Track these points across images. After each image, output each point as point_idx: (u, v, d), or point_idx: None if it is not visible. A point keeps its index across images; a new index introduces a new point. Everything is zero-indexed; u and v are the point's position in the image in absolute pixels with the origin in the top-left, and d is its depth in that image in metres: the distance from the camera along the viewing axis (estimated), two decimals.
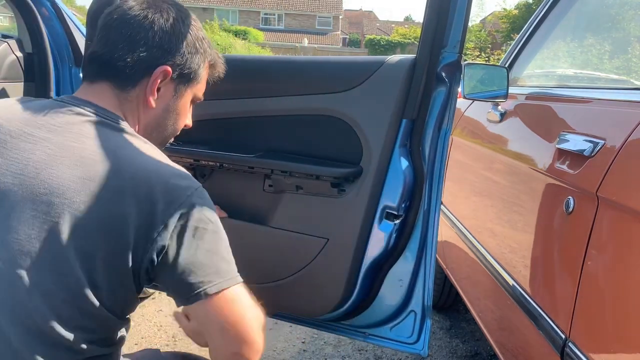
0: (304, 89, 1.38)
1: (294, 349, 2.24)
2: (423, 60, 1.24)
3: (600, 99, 1.32)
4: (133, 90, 0.94)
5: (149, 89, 0.94)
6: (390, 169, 1.29)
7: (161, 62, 0.93)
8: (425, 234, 1.31)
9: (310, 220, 1.37)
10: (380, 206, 1.30)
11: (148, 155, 0.88)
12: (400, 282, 1.35)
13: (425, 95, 1.25)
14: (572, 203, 1.11)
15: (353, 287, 1.34)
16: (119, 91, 0.93)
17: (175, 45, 0.94)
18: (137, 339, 2.24)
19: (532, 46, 2.01)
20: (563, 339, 1.09)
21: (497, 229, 1.68)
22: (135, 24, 0.92)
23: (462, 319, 2.66)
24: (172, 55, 0.94)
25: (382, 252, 1.32)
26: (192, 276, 0.84)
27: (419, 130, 1.27)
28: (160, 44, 0.93)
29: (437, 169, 1.29)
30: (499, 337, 1.58)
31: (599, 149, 1.06)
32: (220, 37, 22.08)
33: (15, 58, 2.32)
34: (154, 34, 0.92)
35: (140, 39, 0.91)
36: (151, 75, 0.93)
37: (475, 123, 2.11)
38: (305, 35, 36.35)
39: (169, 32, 0.93)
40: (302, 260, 1.38)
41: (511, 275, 1.44)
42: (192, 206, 0.84)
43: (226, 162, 1.43)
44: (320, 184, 1.34)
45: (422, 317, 1.34)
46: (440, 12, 1.21)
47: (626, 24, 1.78)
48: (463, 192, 2.14)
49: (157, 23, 0.92)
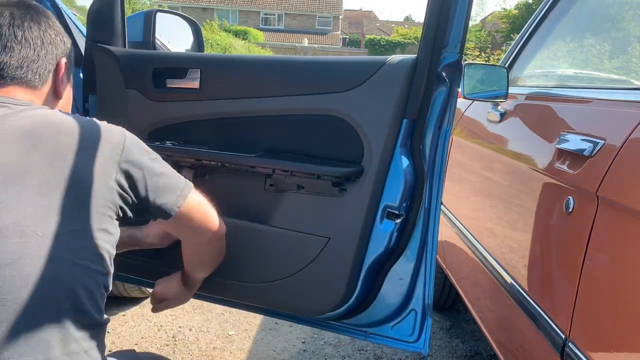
0: (305, 89, 1.38)
1: (294, 349, 2.24)
2: (424, 60, 1.24)
3: (600, 99, 1.32)
4: (43, 86, 1.02)
5: (58, 81, 1.05)
6: (392, 169, 1.29)
7: (59, 55, 1.04)
8: (425, 233, 1.32)
9: (312, 219, 1.38)
10: (382, 205, 1.30)
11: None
12: (401, 281, 1.35)
13: (426, 95, 1.25)
14: (572, 203, 1.11)
15: (354, 286, 1.34)
16: (31, 90, 1.00)
17: (61, 41, 1.05)
18: (137, 339, 2.24)
19: (532, 46, 2.01)
20: (563, 339, 1.09)
21: (497, 229, 1.68)
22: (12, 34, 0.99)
23: (462, 319, 2.66)
24: (64, 47, 1.06)
25: (383, 251, 1.32)
26: (160, 200, 1.02)
27: (419, 130, 1.28)
28: (52, 41, 1.03)
29: (437, 168, 1.29)
30: (499, 337, 1.58)
31: (599, 149, 1.06)
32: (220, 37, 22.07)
33: None
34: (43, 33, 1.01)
35: (35, 39, 1.01)
36: (57, 69, 1.04)
37: (475, 123, 2.11)
38: (305, 35, 36.35)
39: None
40: (303, 259, 1.38)
41: (511, 275, 1.44)
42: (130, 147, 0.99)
43: (227, 161, 1.43)
44: (322, 183, 1.34)
45: (422, 316, 1.35)
46: (441, 13, 1.21)
47: (626, 24, 1.78)
48: (463, 192, 2.14)
49: (34, 29, 1.00)
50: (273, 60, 1.54)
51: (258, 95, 1.42)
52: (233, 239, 1.28)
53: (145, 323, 2.36)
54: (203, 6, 36.41)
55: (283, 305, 1.46)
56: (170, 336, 2.29)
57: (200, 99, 1.48)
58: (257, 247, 1.41)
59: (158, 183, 1.01)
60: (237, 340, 2.29)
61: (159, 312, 2.29)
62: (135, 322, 2.37)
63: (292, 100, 1.39)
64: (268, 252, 1.43)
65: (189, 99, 1.50)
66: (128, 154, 0.97)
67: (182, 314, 2.46)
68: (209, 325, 2.39)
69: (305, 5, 39.45)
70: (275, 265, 1.41)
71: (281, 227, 1.40)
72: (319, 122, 1.37)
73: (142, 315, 2.43)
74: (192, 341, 2.26)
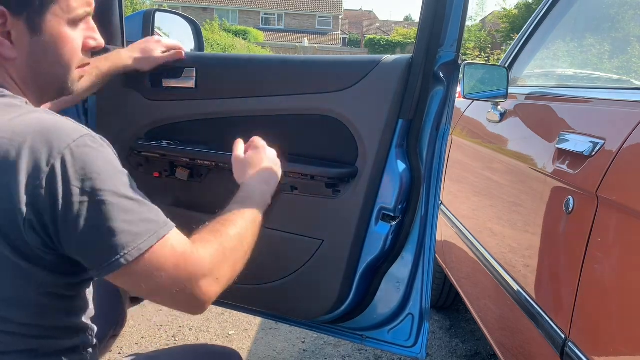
0: (299, 88, 1.37)
1: (294, 349, 2.24)
2: (419, 59, 1.22)
3: (600, 99, 1.32)
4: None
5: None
6: (387, 170, 1.27)
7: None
8: (423, 236, 1.30)
9: (305, 221, 1.36)
10: (376, 207, 1.29)
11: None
12: (397, 285, 1.34)
13: (422, 95, 1.24)
14: (572, 203, 1.11)
15: (349, 289, 1.33)
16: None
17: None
18: (137, 339, 2.24)
19: (532, 46, 2.01)
20: (563, 339, 1.09)
21: (497, 229, 1.68)
22: None
23: (462, 319, 2.66)
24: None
25: (378, 254, 1.31)
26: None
27: (416, 131, 1.26)
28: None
29: (435, 170, 1.27)
30: (499, 336, 1.58)
31: (599, 149, 1.06)
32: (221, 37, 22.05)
33: None
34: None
35: None
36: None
37: (475, 123, 2.11)
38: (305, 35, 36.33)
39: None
40: (297, 261, 1.36)
41: (511, 275, 1.44)
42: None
43: (221, 162, 1.42)
44: (315, 184, 1.33)
45: (420, 320, 1.33)
46: (436, 11, 1.19)
47: (626, 24, 1.78)
48: (463, 192, 2.14)
49: None
50: (268, 60, 1.54)
51: (252, 95, 1.41)
52: None
53: (145, 323, 2.36)
54: (203, 6, 36.38)
55: (277, 308, 1.45)
56: (170, 336, 2.29)
57: (196, 98, 1.47)
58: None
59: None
60: (237, 340, 2.29)
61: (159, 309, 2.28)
62: (135, 322, 2.37)
63: (286, 100, 1.37)
64: (261, 254, 1.42)
65: (185, 99, 1.50)
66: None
67: (182, 314, 2.46)
68: (209, 325, 2.39)
69: (305, 5, 39.43)
70: (268, 268, 1.39)
71: (274, 229, 1.38)
72: (313, 122, 1.35)
73: (142, 315, 2.42)
74: (192, 341, 2.26)
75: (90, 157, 0.73)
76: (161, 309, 2.49)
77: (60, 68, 0.85)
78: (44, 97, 0.87)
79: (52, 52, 0.82)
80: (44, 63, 0.83)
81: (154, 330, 2.32)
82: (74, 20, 0.83)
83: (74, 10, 0.82)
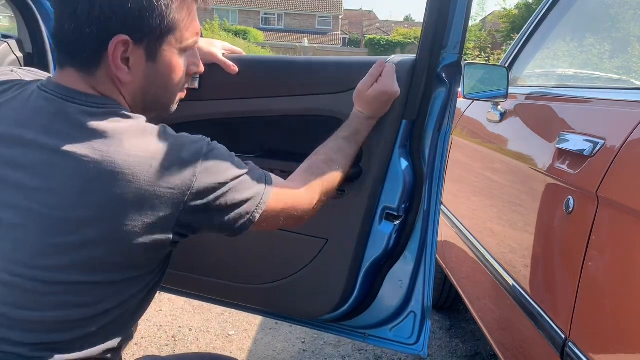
0: (303, 89, 1.37)
1: (294, 349, 2.24)
2: (423, 61, 1.23)
3: (600, 99, 1.32)
4: (98, 71, 0.84)
5: (112, 66, 0.84)
6: (390, 170, 1.28)
7: (113, 32, 0.81)
8: (425, 234, 1.31)
9: (310, 220, 1.37)
10: (380, 207, 1.30)
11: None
12: (400, 283, 1.35)
13: (425, 96, 1.25)
14: (572, 203, 1.11)
15: (352, 288, 1.34)
16: (85, 75, 0.85)
17: (120, 9, 0.81)
18: (137, 339, 2.24)
19: (532, 46, 2.01)
20: (563, 339, 1.09)
21: (497, 229, 1.68)
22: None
23: (462, 319, 2.66)
24: (122, 21, 0.81)
25: (381, 253, 1.32)
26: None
27: (419, 131, 1.27)
28: (103, 13, 0.80)
29: (437, 169, 1.28)
30: (499, 337, 1.58)
31: (599, 149, 1.06)
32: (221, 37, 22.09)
33: (16, 58, 2.31)
34: (91, 5, 0.80)
35: (81, 13, 0.80)
36: (107, 51, 0.83)
37: (475, 123, 2.11)
38: (305, 35, 36.35)
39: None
40: (301, 261, 1.37)
41: (511, 275, 1.44)
42: None
43: None
44: None
45: (421, 318, 1.34)
46: (440, 13, 1.21)
47: (626, 24, 1.78)
48: (463, 192, 2.14)
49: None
50: (272, 61, 1.54)
51: (256, 96, 1.42)
52: (230, 242, 1.27)
53: (145, 323, 2.36)
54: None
55: (281, 307, 1.45)
56: (170, 336, 2.29)
57: (200, 99, 1.48)
58: (255, 248, 1.41)
59: None
60: (237, 340, 2.29)
61: (159, 309, 2.27)
62: None
63: (289, 101, 1.38)
64: (266, 253, 1.42)
65: (188, 99, 1.50)
66: None
67: (182, 314, 2.47)
68: (209, 325, 2.39)
69: (305, 5, 39.45)
70: (273, 267, 1.41)
71: (279, 229, 1.39)
72: (317, 122, 1.36)
73: None
74: (192, 341, 2.26)
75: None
76: (161, 309, 2.49)
77: (168, 92, 0.94)
78: (145, 115, 0.91)
79: (163, 78, 0.90)
80: (155, 87, 0.90)
81: (154, 330, 2.32)
82: (185, 49, 0.91)
83: (185, 40, 0.90)
